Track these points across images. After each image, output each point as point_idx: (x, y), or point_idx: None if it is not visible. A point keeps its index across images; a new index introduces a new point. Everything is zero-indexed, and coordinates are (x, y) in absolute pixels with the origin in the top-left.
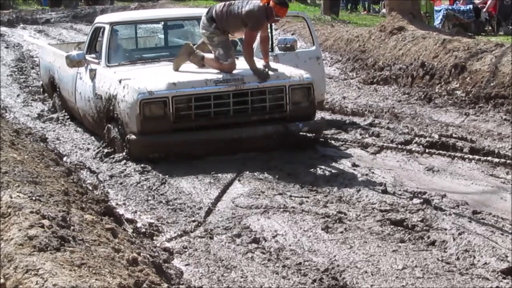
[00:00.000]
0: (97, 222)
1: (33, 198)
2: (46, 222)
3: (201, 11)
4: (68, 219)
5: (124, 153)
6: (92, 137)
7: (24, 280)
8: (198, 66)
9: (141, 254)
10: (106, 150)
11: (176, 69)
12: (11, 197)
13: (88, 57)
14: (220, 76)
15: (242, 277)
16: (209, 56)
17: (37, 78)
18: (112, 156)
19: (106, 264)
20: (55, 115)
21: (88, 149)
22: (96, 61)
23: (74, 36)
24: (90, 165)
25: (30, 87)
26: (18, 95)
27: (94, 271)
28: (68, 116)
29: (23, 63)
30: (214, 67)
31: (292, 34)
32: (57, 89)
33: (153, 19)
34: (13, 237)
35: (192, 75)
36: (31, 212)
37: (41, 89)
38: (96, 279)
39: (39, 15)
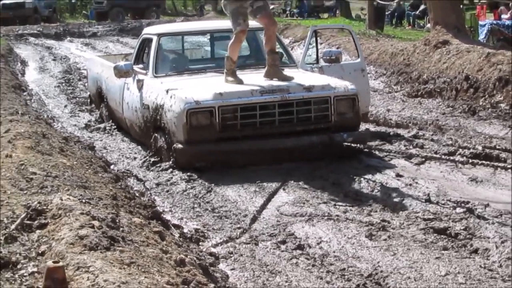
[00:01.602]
0: (145, 225)
1: (83, 200)
2: (96, 223)
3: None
4: (117, 221)
5: (170, 162)
6: (139, 146)
7: (76, 277)
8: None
9: (188, 256)
10: (152, 159)
11: (236, 81)
12: (61, 200)
13: (135, 67)
14: (266, 86)
15: (286, 282)
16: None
17: (83, 89)
18: (158, 165)
19: (155, 264)
20: (102, 125)
21: (135, 158)
22: (144, 71)
23: (120, 49)
24: (137, 173)
25: (77, 98)
26: (65, 106)
27: (143, 270)
28: (115, 126)
29: (70, 75)
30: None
31: (337, 48)
32: (105, 100)
33: (199, 30)
34: (64, 236)
35: (239, 85)
36: (81, 213)
37: (88, 100)
38: (145, 277)
39: (86, 28)
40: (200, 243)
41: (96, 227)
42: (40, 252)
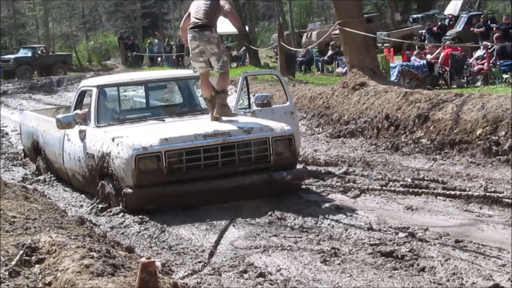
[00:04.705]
0: (130, 257)
1: (71, 237)
2: (94, 254)
3: (181, 73)
4: (111, 252)
5: (120, 207)
6: (82, 195)
7: None
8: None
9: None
10: (100, 206)
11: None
12: (51, 237)
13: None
14: (209, 130)
15: None
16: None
17: (9, 145)
18: (109, 210)
19: None
20: (41, 177)
21: (82, 205)
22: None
23: (35, 105)
24: (89, 219)
25: (6, 154)
26: None
27: None
28: (54, 178)
29: None
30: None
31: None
32: (42, 152)
33: (136, 81)
34: (69, 267)
35: (182, 130)
36: (77, 247)
37: (22, 154)
38: None
39: None
40: (169, 276)
41: (96, 257)
42: (46, 282)
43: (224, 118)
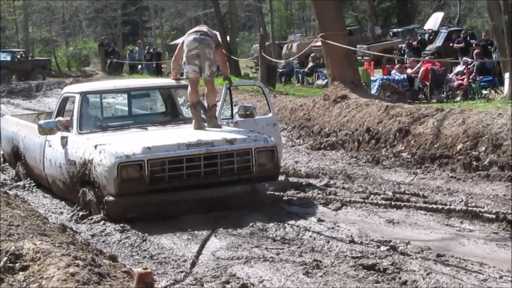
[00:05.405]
0: (114, 266)
1: (56, 245)
2: (80, 262)
3: (164, 81)
4: (96, 260)
5: (101, 214)
6: (62, 202)
7: None
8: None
9: None
10: (81, 213)
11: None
12: (35, 244)
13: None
14: (192, 140)
15: None
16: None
17: None
18: (90, 218)
19: None
20: (21, 183)
21: (62, 212)
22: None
23: (13, 110)
24: (70, 227)
25: None
26: None
27: None
28: (34, 184)
29: None
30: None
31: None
32: (22, 158)
33: (119, 88)
34: (54, 275)
35: (165, 139)
36: (63, 255)
37: (2, 159)
38: None
39: None
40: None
41: (81, 266)
42: None
43: (207, 128)
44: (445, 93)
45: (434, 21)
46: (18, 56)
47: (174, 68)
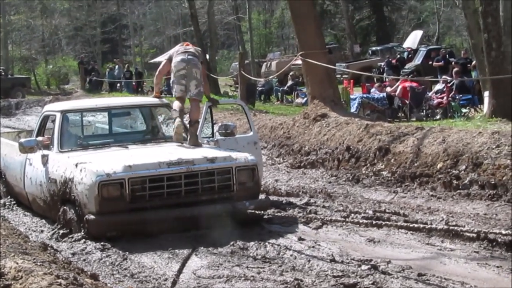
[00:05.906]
0: (96, 285)
1: (38, 263)
2: (62, 281)
3: (144, 100)
4: (78, 279)
5: (82, 233)
6: (43, 220)
7: None
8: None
9: None
10: (62, 231)
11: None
12: (17, 263)
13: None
14: (172, 158)
15: None
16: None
17: None
18: (71, 236)
19: None
20: (1, 201)
21: (42, 231)
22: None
23: None
24: (51, 245)
25: None
26: None
27: None
28: (14, 202)
29: None
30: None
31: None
32: (3, 176)
33: (100, 107)
34: None
35: (146, 157)
36: (45, 273)
37: None
38: None
39: None
40: None
41: (64, 285)
42: None
43: (187, 145)
44: (424, 111)
45: (413, 39)
46: None
47: (157, 83)
